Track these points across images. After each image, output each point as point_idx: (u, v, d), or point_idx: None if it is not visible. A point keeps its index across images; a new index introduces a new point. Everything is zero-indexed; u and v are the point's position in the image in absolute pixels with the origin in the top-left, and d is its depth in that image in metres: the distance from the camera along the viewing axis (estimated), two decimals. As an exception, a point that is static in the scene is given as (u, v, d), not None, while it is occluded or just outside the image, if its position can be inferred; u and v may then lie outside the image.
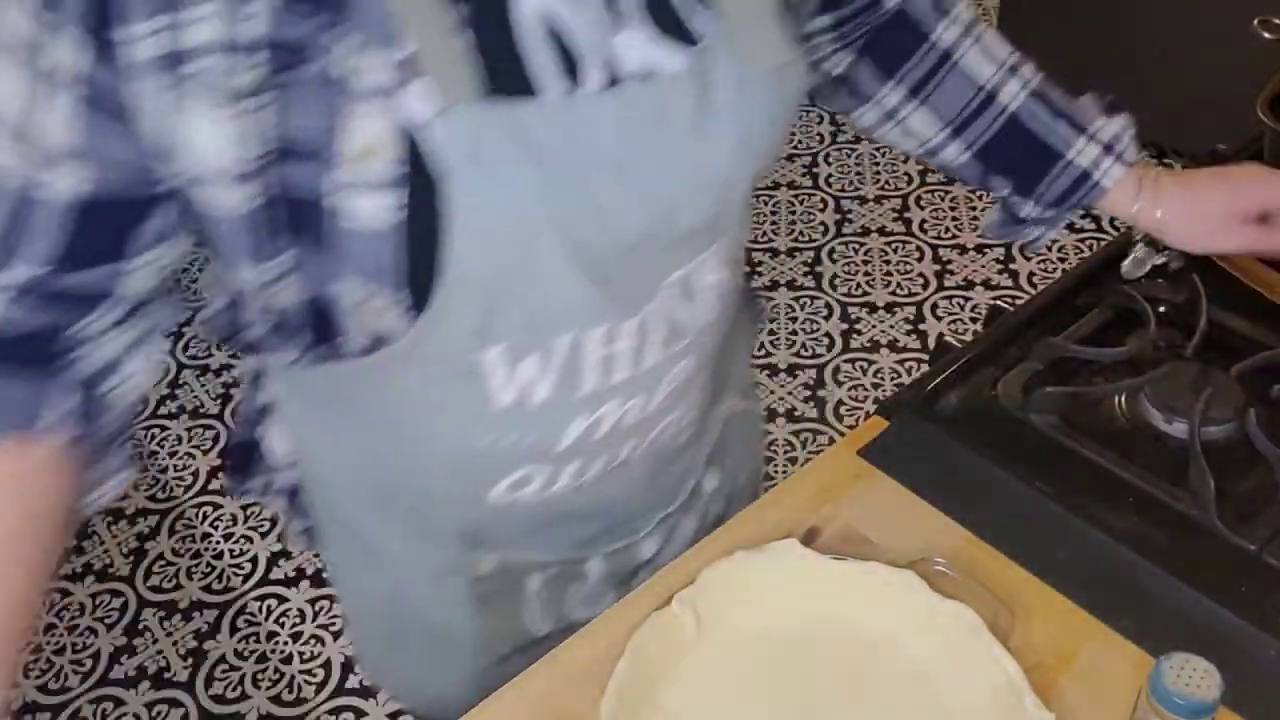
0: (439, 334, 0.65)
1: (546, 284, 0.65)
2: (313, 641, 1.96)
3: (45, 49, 0.55)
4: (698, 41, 0.65)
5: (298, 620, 2.00)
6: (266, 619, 2.00)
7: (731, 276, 0.76)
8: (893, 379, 2.31)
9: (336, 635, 1.96)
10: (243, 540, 2.13)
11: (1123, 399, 0.99)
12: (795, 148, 2.95)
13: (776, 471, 2.14)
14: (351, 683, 1.89)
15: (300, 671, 1.91)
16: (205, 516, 2.18)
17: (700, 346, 0.78)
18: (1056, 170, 0.89)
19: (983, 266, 2.52)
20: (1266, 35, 1.30)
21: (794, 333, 2.43)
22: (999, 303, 2.43)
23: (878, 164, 2.86)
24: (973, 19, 0.91)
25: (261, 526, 2.15)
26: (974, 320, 2.41)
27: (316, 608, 2.01)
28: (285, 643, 1.96)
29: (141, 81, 0.55)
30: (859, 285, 2.53)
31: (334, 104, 0.57)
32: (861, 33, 0.90)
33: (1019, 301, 2.30)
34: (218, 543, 2.13)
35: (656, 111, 0.63)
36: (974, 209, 2.67)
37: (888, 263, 2.58)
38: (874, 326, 2.43)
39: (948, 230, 2.64)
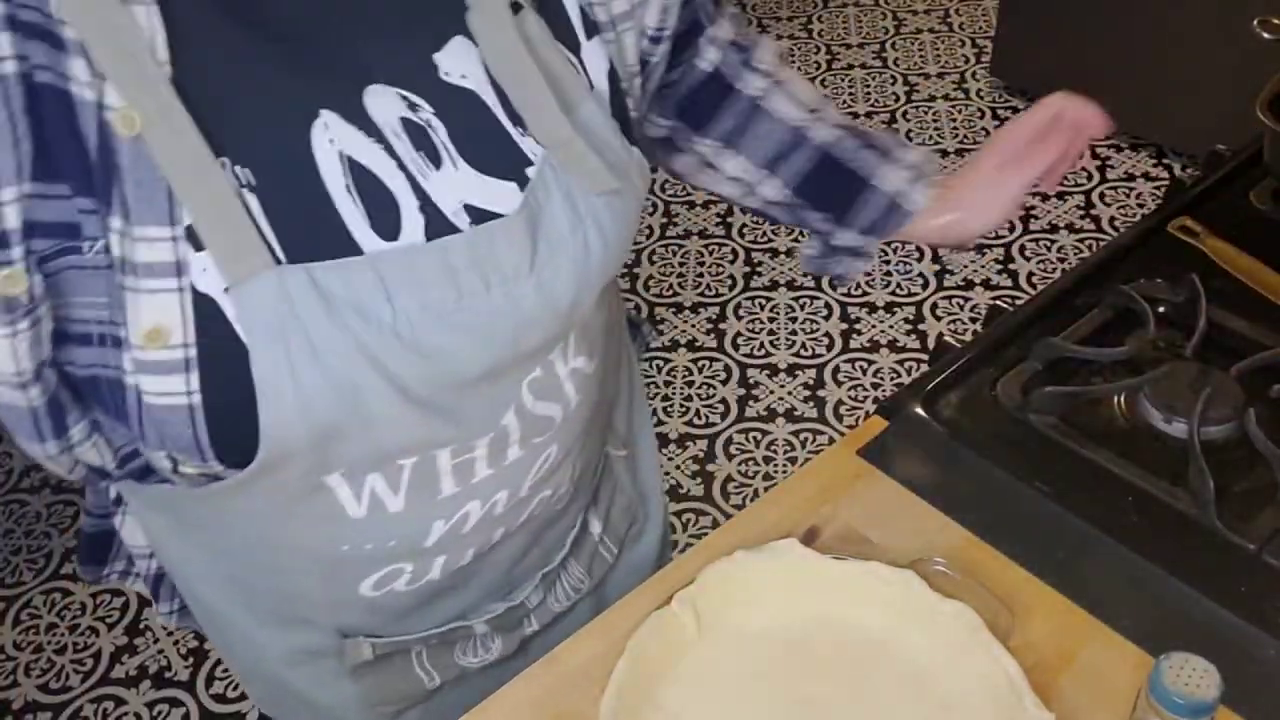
0: (269, 476, 0.61)
1: (379, 428, 0.60)
2: (313, 641, 1.96)
3: None
4: (521, 173, 0.62)
5: (298, 620, 2.00)
6: (267, 619, 2.00)
7: (589, 361, 0.73)
8: (893, 379, 2.31)
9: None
10: (243, 540, 2.13)
11: (1122, 399, 1.00)
12: (795, 148, 2.95)
13: (776, 471, 2.14)
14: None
15: (300, 671, 1.91)
16: (205, 516, 2.18)
17: (566, 432, 0.74)
18: (866, 196, 0.87)
19: (982, 266, 2.52)
20: (1266, 35, 1.30)
21: (794, 333, 2.43)
22: (999, 303, 2.43)
23: (878, 164, 2.86)
24: (778, 69, 0.88)
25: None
26: (974, 320, 2.41)
27: (317, 607, 2.01)
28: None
29: None
30: (859, 285, 2.53)
31: (113, 286, 0.53)
32: (679, 97, 0.87)
33: (1019, 301, 2.30)
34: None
35: (486, 257, 0.60)
36: (974, 209, 2.68)
37: (887, 262, 2.58)
38: (874, 326, 2.43)
39: (948, 230, 2.64)
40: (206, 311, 0.55)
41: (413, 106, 0.60)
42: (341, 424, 0.59)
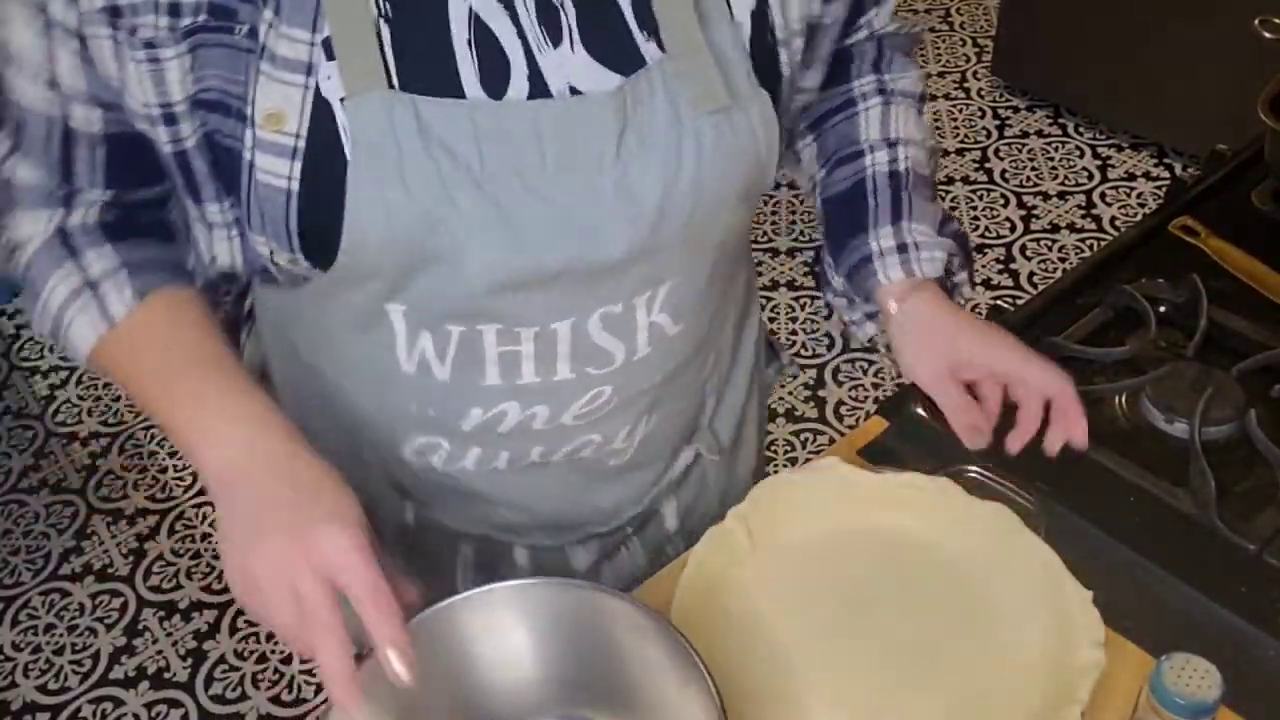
0: (347, 285, 0.69)
1: (441, 271, 0.66)
2: (312, 642, 1.96)
3: (49, 3, 0.63)
4: (633, 72, 0.65)
5: (297, 620, 1.99)
6: (266, 619, 2.00)
7: (673, 323, 0.75)
8: (893, 379, 2.30)
9: (336, 635, 1.96)
10: (242, 540, 2.13)
11: (1123, 399, 0.99)
12: (795, 148, 2.95)
13: (776, 471, 2.14)
14: (351, 683, 1.89)
15: (300, 672, 1.91)
16: (205, 517, 2.18)
17: (626, 382, 0.77)
18: (857, 243, 0.84)
19: (983, 266, 2.52)
20: (1266, 35, 1.30)
21: (794, 332, 2.43)
22: (999, 303, 2.43)
23: (878, 164, 2.86)
24: (896, 91, 0.86)
25: (261, 526, 2.15)
26: (974, 320, 2.41)
27: (316, 608, 2.01)
28: (285, 643, 1.96)
29: (93, 27, 0.62)
30: (859, 285, 2.53)
31: (253, 68, 0.62)
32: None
33: (1019, 301, 2.30)
34: (218, 543, 2.12)
35: (574, 132, 0.64)
36: (974, 209, 2.67)
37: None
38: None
39: (948, 230, 2.64)
40: (321, 113, 0.63)
41: None
42: (411, 255, 0.65)
